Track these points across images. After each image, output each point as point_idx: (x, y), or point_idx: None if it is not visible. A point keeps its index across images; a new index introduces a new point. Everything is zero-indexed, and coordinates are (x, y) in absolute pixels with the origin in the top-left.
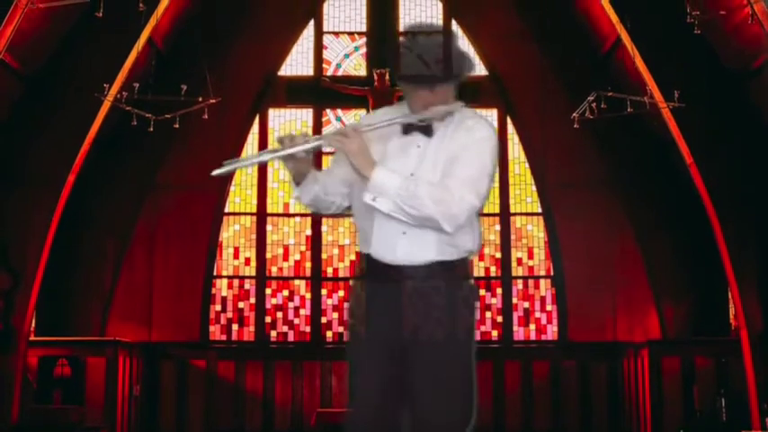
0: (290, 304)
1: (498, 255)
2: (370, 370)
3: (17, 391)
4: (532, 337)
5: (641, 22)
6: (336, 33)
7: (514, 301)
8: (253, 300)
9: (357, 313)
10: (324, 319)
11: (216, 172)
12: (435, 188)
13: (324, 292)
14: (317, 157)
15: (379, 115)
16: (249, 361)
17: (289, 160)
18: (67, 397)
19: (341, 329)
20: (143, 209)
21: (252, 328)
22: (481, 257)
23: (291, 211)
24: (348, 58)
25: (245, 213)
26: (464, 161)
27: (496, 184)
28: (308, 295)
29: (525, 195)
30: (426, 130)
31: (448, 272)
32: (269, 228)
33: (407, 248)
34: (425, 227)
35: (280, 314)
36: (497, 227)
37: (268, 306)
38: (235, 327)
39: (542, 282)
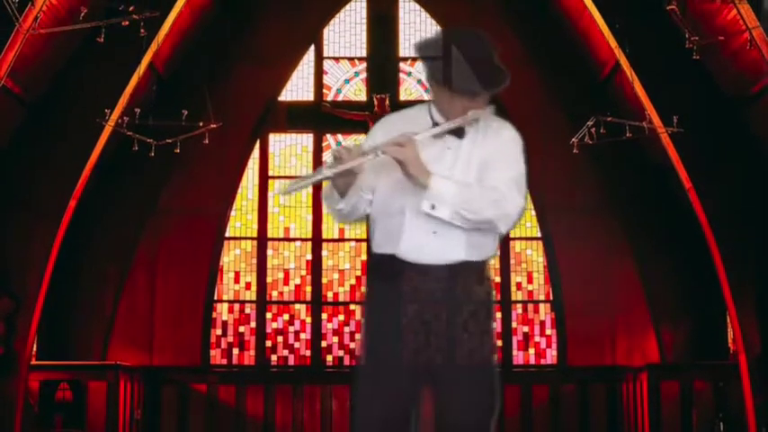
0: (291, 328)
1: (498, 279)
2: (388, 381)
3: (18, 415)
4: (532, 361)
5: (640, 48)
6: (337, 59)
7: (514, 325)
8: (253, 324)
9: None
10: (324, 344)
11: (281, 193)
12: (489, 191)
13: (324, 316)
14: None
15: (396, 122)
16: (250, 385)
17: (345, 175)
18: (69, 421)
19: (341, 353)
20: (144, 233)
21: (252, 353)
22: (484, 284)
23: (292, 235)
24: (348, 84)
25: (246, 238)
26: (504, 163)
27: None
28: (309, 319)
29: (524, 220)
30: (458, 132)
31: (471, 272)
32: (269, 252)
33: (437, 248)
34: (478, 229)
35: (280, 338)
36: (497, 251)
37: (268, 330)
38: (235, 351)
39: (542, 306)
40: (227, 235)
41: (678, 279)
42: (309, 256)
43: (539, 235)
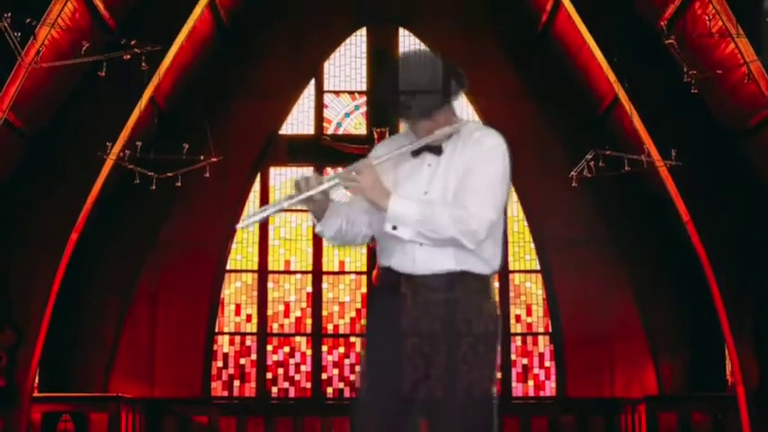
0: (291, 360)
1: (497, 312)
2: (384, 385)
3: None
4: (531, 393)
5: (639, 82)
6: (337, 92)
7: (513, 357)
8: (254, 356)
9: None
10: (324, 376)
11: (240, 225)
12: (451, 208)
13: (324, 348)
14: None
15: (386, 145)
16: (250, 417)
17: (308, 201)
18: None
19: (342, 386)
20: (145, 266)
21: (253, 384)
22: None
23: (292, 268)
24: (348, 117)
25: (247, 270)
26: (476, 174)
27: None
28: (309, 352)
29: (524, 253)
30: (435, 149)
31: (468, 284)
32: (270, 285)
33: (424, 258)
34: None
35: (281, 370)
36: (496, 284)
37: (269, 362)
38: (236, 383)
39: (541, 338)
40: (227, 268)
41: (676, 311)
42: (310, 289)
43: (538, 267)
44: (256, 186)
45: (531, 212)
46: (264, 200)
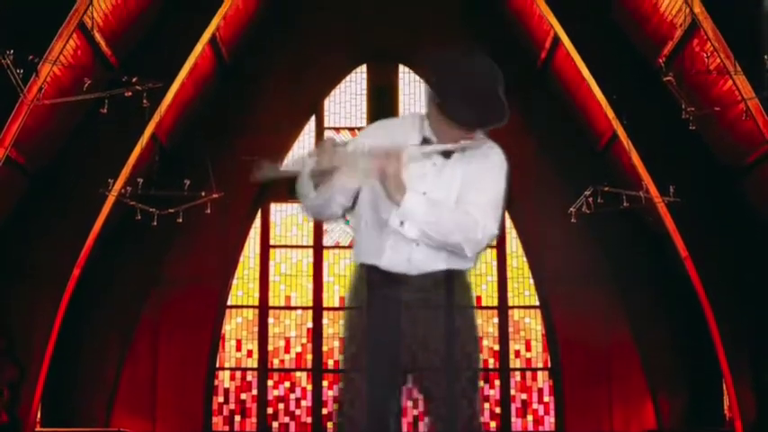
0: (292, 396)
1: (497, 347)
2: (371, 382)
3: None
4: (530, 428)
5: (637, 118)
6: (337, 129)
7: (512, 392)
8: (255, 391)
9: (357, 324)
10: (325, 411)
11: (260, 175)
12: (459, 215)
13: (325, 383)
14: None
15: (390, 128)
16: None
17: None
18: None
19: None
20: (147, 302)
21: (254, 419)
22: (480, 350)
23: (293, 304)
24: None
25: (248, 306)
26: (483, 187)
27: (494, 278)
28: (310, 387)
29: (523, 289)
30: (445, 152)
31: (453, 281)
32: (271, 320)
33: (421, 258)
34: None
35: (281, 405)
36: (496, 320)
37: (270, 397)
38: (237, 418)
39: (540, 374)
40: (228, 303)
41: (674, 347)
42: (310, 325)
43: (537, 303)
44: (257, 222)
45: (531, 248)
46: (265, 235)
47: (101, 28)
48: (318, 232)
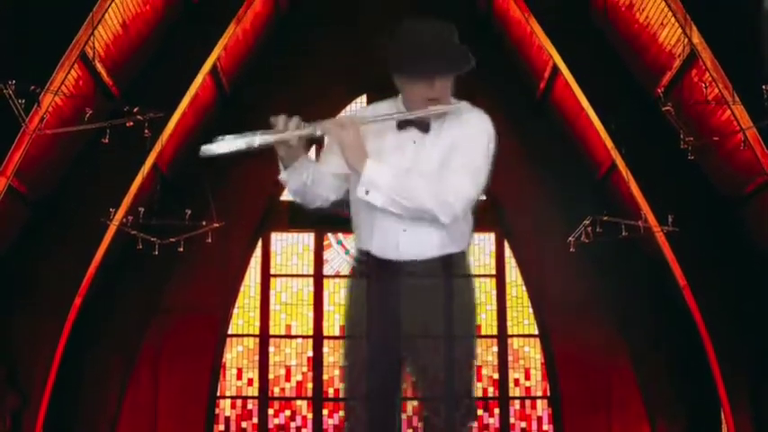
0: (292, 424)
1: (496, 376)
2: (371, 366)
3: None
4: None
5: (636, 148)
6: None
7: (512, 420)
8: (255, 420)
9: (355, 312)
10: None
11: (203, 153)
12: (430, 179)
13: (325, 412)
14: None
15: (373, 110)
16: None
17: (280, 145)
18: None
19: None
20: (148, 330)
21: None
22: (479, 378)
23: (293, 332)
24: None
25: (248, 335)
26: (460, 151)
27: (494, 307)
28: (310, 416)
29: (522, 317)
30: (422, 125)
31: (448, 267)
32: (271, 349)
33: (409, 244)
34: (423, 220)
35: None
36: (495, 348)
37: (270, 426)
38: None
39: (539, 402)
40: (229, 332)
41: (673, 375)
42: (311, 353)
43: (536, 332)
44: (258, 252)
45: (530, 277)
46: (266, 265)
47: (102, 58)
48: (319, 261)
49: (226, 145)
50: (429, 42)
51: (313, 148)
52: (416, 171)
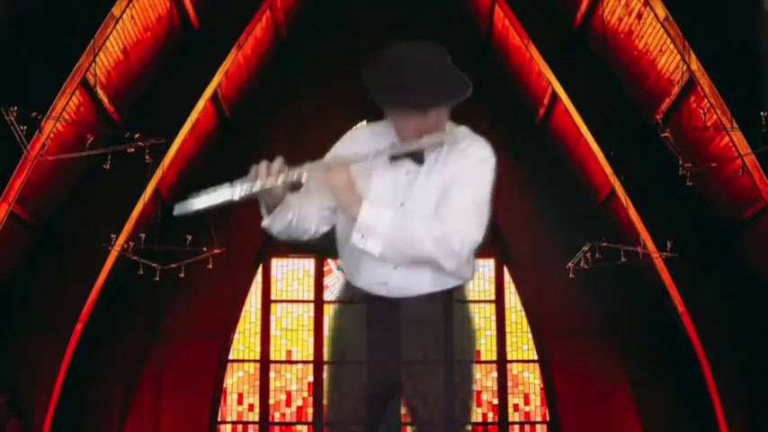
0: None
1: (495, 401)
2: (371, 392)
3: None
4: None
5: (635, 175)
6: None
7: None
8: None
9: (350, 336)
10: None
11: (177, 211)
12: (432, 223)
13: None
14: None
15: (361, 138)
16: None
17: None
18: None
19: None
20: (149, 356)
21: None
22: (479, 404)
23: (294, 358)
24: None
25: (249, 360)
26: (461, 189)
27: (493, 332)
28: None
29: (522, 343)
30: (416, 156)
31: (446, 293)
32: (272, 374)
33: (400, 282)
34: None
35: None
36: (494, 374)
37: None
38: None
39: (538, 427)
40: (230, 357)
41: (672, 401)
42: (311, 378)
43: (535, 357)
44: (259, 278)
45: (529, 303)
46: (266, 290)
47: (103, 85)
48: (319, 287)
49: (202, 201)
50: (420, 70)
51: None
52: (411, 207)
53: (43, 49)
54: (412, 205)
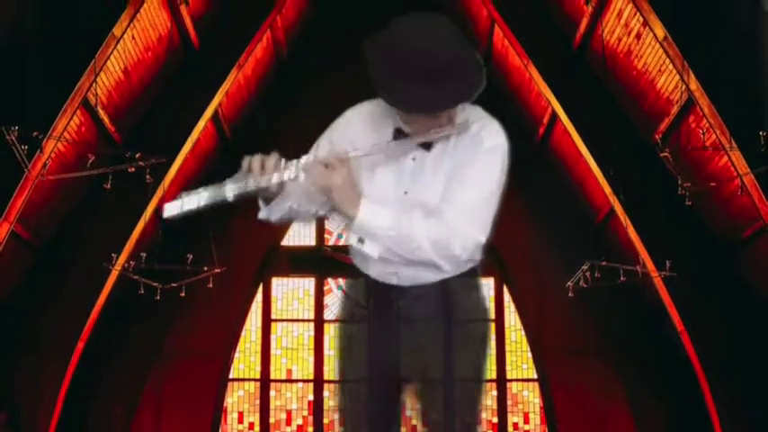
0: None
1: (495, 420)
2: (372, 410)
3: None
4: None
5: (634, 194)
6: None
7: None
8: None
9: (353, 354)
10: None
11: (168, 212)
12: (432, 224)
13: None
14: None
15: (360, 123)
16: None
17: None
18: None
19: None
20: (150, 375)
21: None
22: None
23: (294, 377)
24: None
25: (249, 379)
26: (468, 182)
27: (493, 351)
28: None
29: (521, 362)
30: (423, 143)
31: (460, 289)
32: (272, 393)
33: (410, 274)
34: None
35: None
36: (494, 392)
37: None
38: None
39: None
40: (230, 376)
41: (671, 420)
42: (311, 397)
43: (535, 376)
44: (259, 297)
45: (529, 322)
46: (267, 309)
47: (104, 104)
48: (319, 306)
49: (192, 201)
50: (430, 67)
51: None
52: (415, 193)
53: (44, 69)
54: (416, 194)
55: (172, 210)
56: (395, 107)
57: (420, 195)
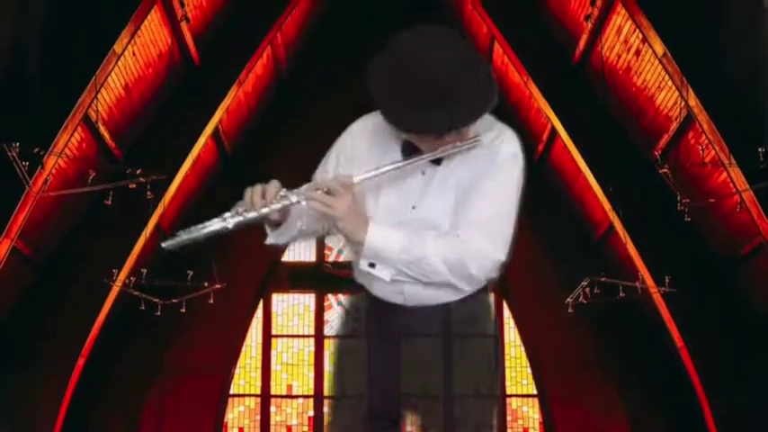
0: None
1: None
2: (371, 427)
3: None
4: None
5: (633, 210)
6: None
7: None
8: None
9: (351, 369)
10: None
11: (167, 243)
12: (446, 245)
13: None
14: None
15: (363, 142)
16: None
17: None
18: None
19: None
20: (151, 391)
21: None
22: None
23: (294, 392)
24: None
25: (250, 395)
26: (482, 197)
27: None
28: None
29: (521, 377)
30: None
31: (466, 305)
32: (272, 409)
33: (415, 294)
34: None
35: None
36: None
37: None
38: None
39: None
40: (231, 392)
41: None
42: (312, 413)
43: (534, 392)
44: (259, 312)
45: (528, 338)
46: (267, 325)
47: (105, 121)
48: (320, 322)
49: (191, 236)
50: (435, 89)
51: None
52: (423, 213)
53: (45, 86)
54: (425, 210)
55: (170, 244)
56: (402, 132)
57: (428, 211)
